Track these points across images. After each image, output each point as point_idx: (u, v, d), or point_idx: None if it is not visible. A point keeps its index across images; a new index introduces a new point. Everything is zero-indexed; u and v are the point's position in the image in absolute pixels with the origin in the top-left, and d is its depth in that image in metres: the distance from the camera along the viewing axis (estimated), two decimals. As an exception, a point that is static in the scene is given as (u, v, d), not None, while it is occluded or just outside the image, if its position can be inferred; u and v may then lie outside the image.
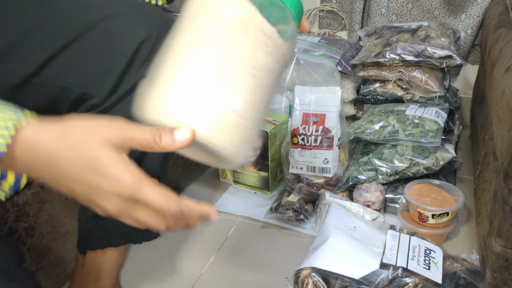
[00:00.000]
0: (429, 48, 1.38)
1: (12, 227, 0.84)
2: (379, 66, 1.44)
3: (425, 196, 1.16)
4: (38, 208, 0.89)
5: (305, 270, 0.90)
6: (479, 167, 1.22)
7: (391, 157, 1.26)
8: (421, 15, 1.67)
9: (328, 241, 0.95)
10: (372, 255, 0.91)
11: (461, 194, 1.14)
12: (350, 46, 1.56)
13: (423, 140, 1.24)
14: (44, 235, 0.91)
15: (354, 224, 1.02)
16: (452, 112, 1.44)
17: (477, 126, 1.39)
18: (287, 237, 1.21)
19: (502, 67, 0.97)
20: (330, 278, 0.87)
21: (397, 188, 1.27)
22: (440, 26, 1.49)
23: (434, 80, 1.39)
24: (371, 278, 0.87)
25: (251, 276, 1.08)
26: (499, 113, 0.88)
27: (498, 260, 0.90)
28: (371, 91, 1.48)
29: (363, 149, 1.35)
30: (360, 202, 1.22)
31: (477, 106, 1.45)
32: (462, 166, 1.47)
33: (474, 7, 1.58)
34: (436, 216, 1.11)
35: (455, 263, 0.93)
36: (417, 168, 1.24)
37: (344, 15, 1.80)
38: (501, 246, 0.89)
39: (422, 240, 0.97)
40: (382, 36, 1.51)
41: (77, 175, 0.44)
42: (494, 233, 0.90)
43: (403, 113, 1.33)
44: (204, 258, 1.15)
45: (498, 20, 1.27)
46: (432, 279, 0.87)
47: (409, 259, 0.91)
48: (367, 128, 1.33)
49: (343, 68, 1.46)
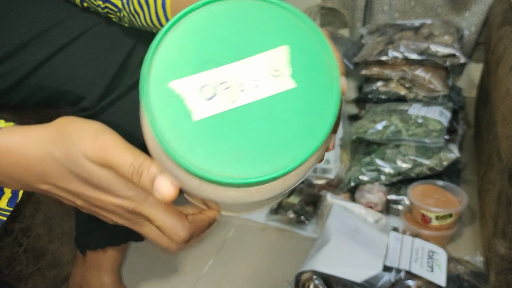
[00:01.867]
0: (432, 46, 1.37)
1: (7, 228, 0.84)
2: (382, 64, 1.43)
3: (429, 197, 1.15)
4: (34, 208, 0.88)
5: (306, 273, 0.90)
6: (484, 168, 1.21)
7: (394, 157, 1.25)
8: (424, 12, 1.67)
9: (330, 244, 0.94)
10: (375, 258, 0.91)
11: (464, 195, 1.14)
12: (352, 44, 1.55)
13: (427, 140, 1.24)
14: (40, 236, 0.91)
15: (356, 226, 1.02)
16: (456, 112, 1.44)
17: (481, 126, 1.38)
18: (287, 240, 1.20)
19: (506, 65, 0.96)
20: (332, 282, 0.87)
21: (400, 189, 1.26)
22: (444, 24, 1.48)
23: (437, 79, 1.39)
24: (374, 281, 0.87)
25: (251, 279, 1.08)
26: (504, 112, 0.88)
27: (502, 262, 0.90)
28: (374, 90, 1.47)
29: (365, 149, 1.34)
30: (362, 204, 1.21)
31: (481, 105, 1.44)
32: (466, 166, 1.46)
33: (478, 5, 1.57)
34: (439, 217, 1.10)
35: (458, 265, 0.93)
36: (420, 168, 1.23)
37: (345, 13, 1.79)
38: (505, 248, 0.89)
39: (425, 242, 0.97)
40: (384, 34, 1.50)
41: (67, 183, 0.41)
42: (498, 234, 0.90)
43: (406, 112, 1.33)
44: (203, 261, 1.14)
45: (502, 18, 1.27)
46: (436, 282, 0.87)
47: (412, 261, 0.91)
48: (370, 128, 1.32)
49: (345, 66, 1.45)
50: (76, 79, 0.70)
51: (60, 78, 0.70)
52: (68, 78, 0.70)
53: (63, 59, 0.69)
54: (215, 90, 0.33)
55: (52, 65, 0.69)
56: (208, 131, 0.32)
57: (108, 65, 0.71)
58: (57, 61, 0.69)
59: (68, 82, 0.70)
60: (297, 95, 0.33)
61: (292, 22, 0.35)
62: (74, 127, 0.39)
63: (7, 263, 0.84)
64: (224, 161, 0.32)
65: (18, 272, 0.86)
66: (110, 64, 0.71)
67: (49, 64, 0.69)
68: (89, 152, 0.38)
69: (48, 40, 0.68)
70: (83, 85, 0.70)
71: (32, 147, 0.40)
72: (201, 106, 0.32)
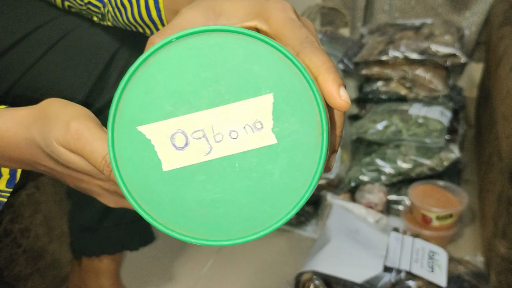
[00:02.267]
0: (432, 46, 1.37)
1: (7, 228, 0.83)
2: (382, 64, 1.43)
3: (429, 198, 1.15)
4: (33, 209, 0.88)
5: (306, 273, 0.90)
6: (484, 168, 1.21)
7: (395, 157, 1.25)
8: (424, 12, 1.66)
9: (330, 244, 0.94)
10: (375, 258, 0.91)
11: (465, 195, 1.13)
12: (352, 44, 1.54)
13: (427, 140, 1.24)
14: (39, 236, 0.91)
15: (356, 226, 1.02)
16: (456, 112, 1.43)
17: (482, 126, 1.38)
18: (287, 240, 1.20)
19: (507, 65, 0.96)
20: (332, 282, 0.87)
21: (401, 190, 1.26)
22: (444, 24, 1.48)
23: (438, 78, 1.38)
24: (374, 282, 0.87)
25: (251, 279, 1.08)
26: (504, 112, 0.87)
27: (503, 262, 0.90)
28: (374, 90, 1.47)
29: (366, 149, 1.34)
30: (362, 204, 1.21)
31: (482, 105, 1.44)
32: (467, 166, 1.46)
33: (479, 4, 1.57)
34: (439, 217, 1.10)
35: (459, 265, 0.93)
36: (421, 168, 1.23)
37: (346, 12, 1.79)
38: (506, 248, 0.89)
39: (425, 243, 0.97)
40: (385, 33, 1.50)
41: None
42: (499, 235, 0.90)
43: (406, 112, 1.33)
44: (203, 261, 1.14)
45: (503, 17, 1.27)
46: (436, 282, 0.87)
47: (412, 262, 0.90)
48: (370, 128, 1.32)
49: (345, 66, 1.45)
50: (61, 83, 0.68)
51: (46, 84, 0.68)
52: (51, 85, 0.68)
53: (48, 63, 0.67)
54: (187, 139, 0.30)
55: (37, 70, 0.67)
56: (180, 185, 0.30)
57: (91, 69, 0.69)
58: (42, 65, 0.67)
59: (51, 89, 0.68)
60: (278, 153, 0.30)
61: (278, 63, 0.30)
62: (54, 109, 0.38)
63: (6, 264, 0.83)
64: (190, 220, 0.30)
65: (17, 273, 0.86)
66: (92, 69, 0.69)
67: (34, 69, 0.67)
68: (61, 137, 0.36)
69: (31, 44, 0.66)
70: (66, 91, 0.68)
71: (19, 130, 0.39)
72: (171, 154, 0.30)
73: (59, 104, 0.38)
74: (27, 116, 0.39)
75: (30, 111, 0.39)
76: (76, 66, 0.69)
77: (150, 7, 0.58)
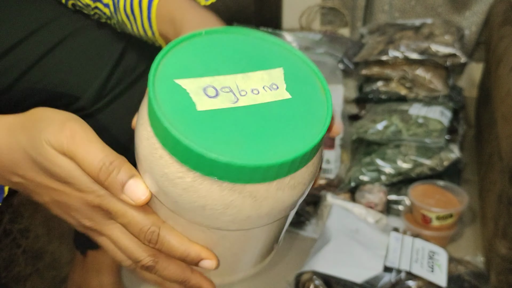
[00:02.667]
0: (432, 46, 1.37)
1: (6, 228, 0.83)
2: (382, 64, 1.43)
3: (429, 198, 1.15)
4: (33, 209, 0.88)
5: (306, 273, 0.90)
6: (484, 168, 1.21)
7: (395, 157, 1.25)
8: (424, 12, 1.66)
9: (330, 244, 0.94)
10: (375, 258, 0.91)
11: (465, 195, 1.13)
12: (352, 44, 1.54)
13: (427, 140, 1.23)
14: (39, 237, 0.90)
15: (356, 227, 1.01)
16: (456, 112, 1.43)
17: (482, 126, 1.38)
18: (287, 240, 1.19)
19: (507, 65, 0.96)
20: (332, 282, 0.87)
21: (401, 189, 1.26)
22: (444, 24, 1.48)
23: (438, 78, 1.38)
24: (374, 282, 0.86)
25: (251, 279, 1.07)
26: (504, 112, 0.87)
27: (503, 262, 0.90)
28: (374, 90, 1.47)
29: (366, 149, 1.33)
30: (362, 204, 1.21)
31: (482, 105, 1.44)
32: (467, 166, 1.46)
33: (479, 4, 1.57)
34: (440, 217, 1.10)
35: (459, 265, 0.93)
36: (421, 168, 1.23)
37: (346, 12, 1.79)
38: (506, 248, 0.89)
39: (425, 243, 0.97)
40: (385, 33, 1.50)
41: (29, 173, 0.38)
42: (499, 235, 0.90)
43: (406, 112, 1.32)
44: (203, 260, 1.13)
45: (503, 17, 1.27)
46: (436, 282, 0.87)
47: (412, 262, 0.90)
48: (370, 128, 1.32)
49: (345, 66, 1.45)
50: (69, 80, 0.68)
51: (53, 80, 0.68)
52: (60, 79, 0.68)
53: (55, 60, 0.67)
54: (218, 91, 0.35)
55: (43, 67, 0.67)
56: (212, 121, 0.33)
57: (102, 65, 0.69)
58: (49, 62, 0.67)
59: (61, 84, 0.68)
60: (294, 104, 0.36)
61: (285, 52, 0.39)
62: (48, 113, 0.37)
63: (5, 264, 0.83)
64: (231, 147, 0.32)
65: (17, 273, 0.86)
66: (103, 64, 0.69)
67: (40, 65, 0.67)
68: (53, 138, 0.35)
69: (37, 41, 0.66)
70: (77, 86, 0.68)
71: (2, 135, 0.38)
72: (204, 100, 0.34)
73: (51, 110, 0.38)
74: (14, 121, 0.38)
75: (18, 118, 0.39)
76: (86, 62, 0.69)
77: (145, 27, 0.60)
